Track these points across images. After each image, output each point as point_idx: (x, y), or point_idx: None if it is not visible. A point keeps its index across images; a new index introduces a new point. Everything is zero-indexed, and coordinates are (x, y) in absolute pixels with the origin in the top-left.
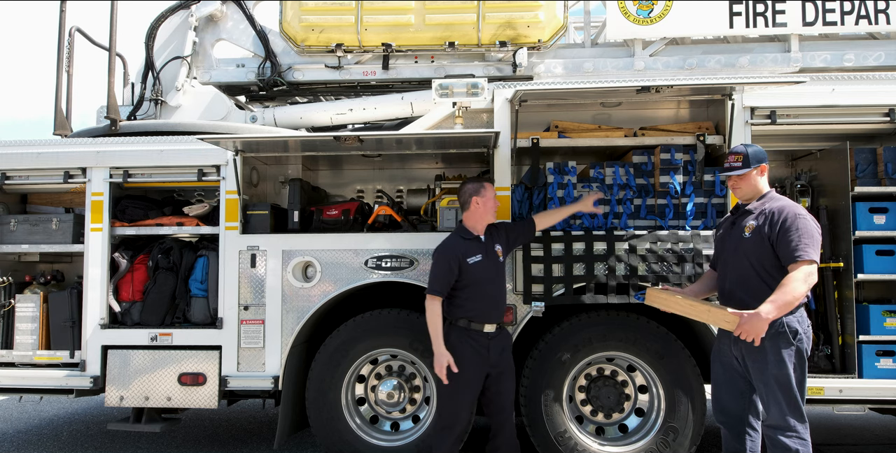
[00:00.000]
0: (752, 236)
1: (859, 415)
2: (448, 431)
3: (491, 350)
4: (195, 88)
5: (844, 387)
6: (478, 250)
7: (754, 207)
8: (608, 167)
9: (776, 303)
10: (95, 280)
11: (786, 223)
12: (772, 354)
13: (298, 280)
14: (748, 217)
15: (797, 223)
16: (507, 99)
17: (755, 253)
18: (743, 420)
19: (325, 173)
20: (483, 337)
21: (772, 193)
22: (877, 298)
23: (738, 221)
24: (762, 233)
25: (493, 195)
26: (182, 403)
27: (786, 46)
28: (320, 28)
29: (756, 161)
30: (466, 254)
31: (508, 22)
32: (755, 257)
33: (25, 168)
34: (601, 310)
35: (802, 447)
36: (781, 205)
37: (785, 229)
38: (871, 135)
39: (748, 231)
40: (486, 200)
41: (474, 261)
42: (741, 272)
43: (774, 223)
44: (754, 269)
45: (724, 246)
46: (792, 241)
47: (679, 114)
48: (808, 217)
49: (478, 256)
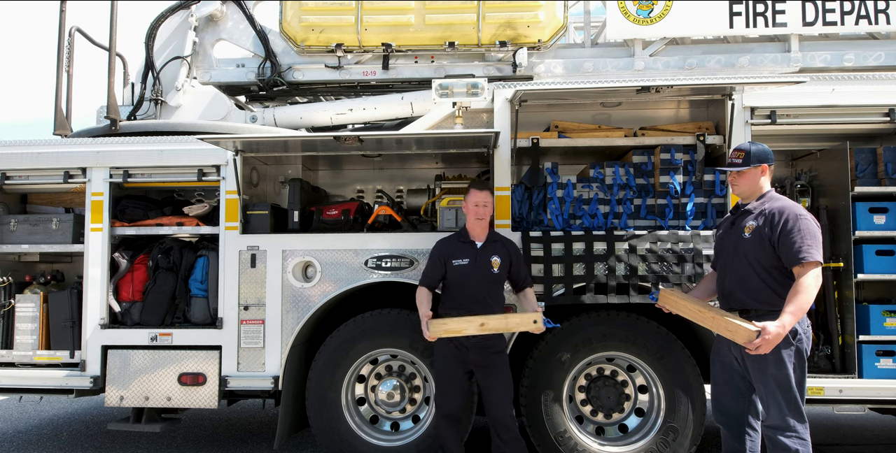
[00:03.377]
0: (752, 237)
1: (859, 415)
2: (443, 419)
3: (470, 349)
4: (195, 88)
5: (844, 387)
6: (467, 254)
7: (754, 207)
8: (608, 167)
9: (795, 314)
10: (95, 280)
11: (788, 224)
12: (771, 354)
13: (298, 280)
14: (748, 217)
15: (799, 224)
16: (507, 99)
17: (755, 253)
18: (742, 420)
19: (325, 173)
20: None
21: (771, 193)
22: (877, 298)
23: (737, 221)
24: (762, 233)
25: (473, 202)
26: (182, 403)
27: (786, 46)
28: (320, 28)
29: (758, 160)
30: (452, 256)
31: (508, 22)
32: (755, 257)
33: (25, 168)
34: (601, 310)
35: (802, 447)
36: (782, 205)
37: (787, 230)
38: (871, 135)
39: (748, 231)
40: (465, 205)
41: (458, 264)
42: (741, 272)
43: (775, 224)
44: (754, 270)
45: (723, 246)
46: (795, 243)
47: (679, 114)
48: (810, 217)
49: (464, 260)
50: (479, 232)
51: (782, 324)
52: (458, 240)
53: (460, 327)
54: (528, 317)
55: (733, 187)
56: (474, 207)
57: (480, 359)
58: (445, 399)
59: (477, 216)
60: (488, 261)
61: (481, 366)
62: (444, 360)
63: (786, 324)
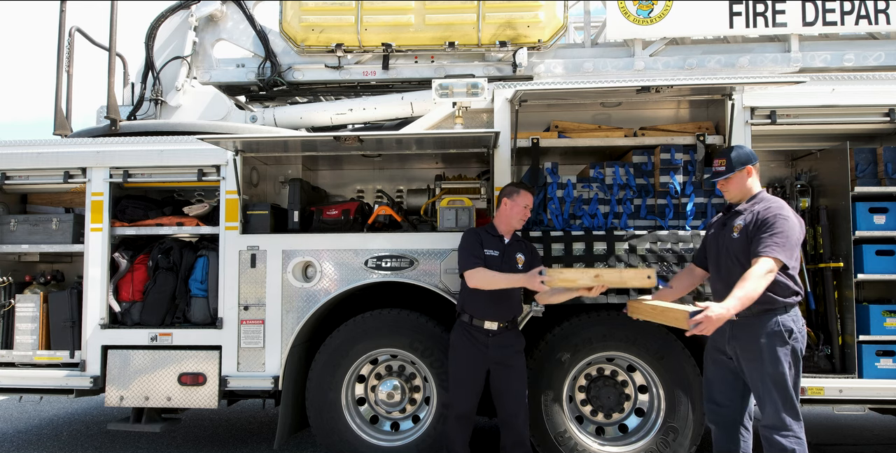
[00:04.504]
0: (740, 236)
1: (859, 415)
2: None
3: (490, 347)
4: (195, 88)
5: (844, 387)
6: (497, 247)
7: (744, 208)
8: (608, 167)
9: (741, 300)
10: (95, 280)
11: (767, 222)
12: (767, 353)
13: (298, 280)
14: (737, 217)
15: (776, 222)
16: (507, 99)
17: (743, 253)
18: (737, 419)
19: (325, 173)
20: (483, 333)
21: (762, 194)
22: (877, 298)
23: (728, 222)
24: (748, 232)
25: (523, 204)
26: (182, 403)
27: (786, 46)
28: (320, 28)
29: (740, 164)
30: (485, 244)
31: (508, 22)
32: (743, 257)
33: (25, 168)
34: (601, 310)
35: (799, 446)
36: (768, 205)
37: (759, 227)
38: (871, 135)
39: (736, 231)
40: (513, 204)
41: (490, 254)
42: (731, 272)
43: (758, 222)
44: (743, 269)
45: (715, 246)
46: (763, 239)
47: (679, 114)
48: (791, 217)
49: (495, 252)
50: (509, 229)
51: (726, 308)
52: (488, 232)
53: (575, 276)
54: (642, 272)
55: (724, 193)
56: (523, 209)
57: (501, 358)
58: (461, 399)
59: (523, 217)
60: (514, 257)
61: (501, 365)
62: (461, 359)
63: (730, 308)
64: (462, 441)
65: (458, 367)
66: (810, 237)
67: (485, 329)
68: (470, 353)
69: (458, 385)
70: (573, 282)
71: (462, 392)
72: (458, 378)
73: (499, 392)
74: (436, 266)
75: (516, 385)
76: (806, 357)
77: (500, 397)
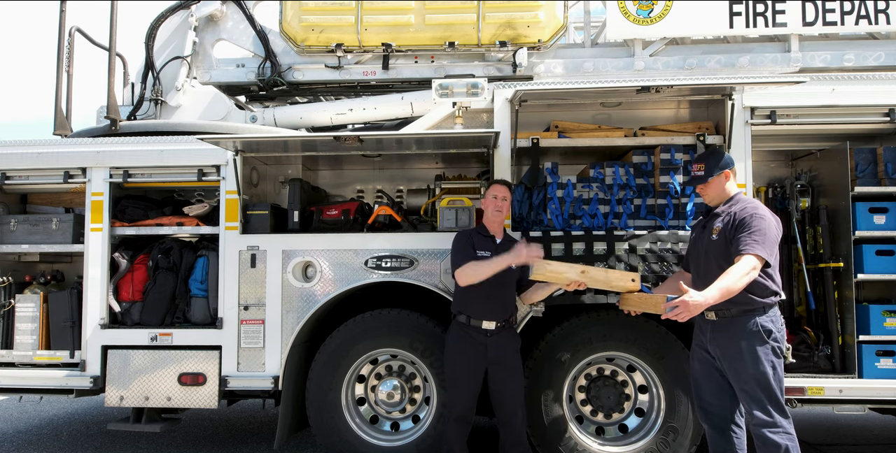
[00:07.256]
0: (719, 238)
1: (859, 415)
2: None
3: (489, 346)
4: (195, 88)
5: (844, 387)
6: (489, 247)
7: (721, 210)
8: (608, 167)
9: (721, 292)
10: (95, 280)
11: (743, 222)
12: (748, 353)
13: (298, 280)
14: (716, 220)
15: (753, 221)
16: (507, 99)
17: (722, 254)
18: (728, 417)
19: (325, 173)
20: (481, 333)
21: (738, 196)
22: (877, 298)
23: (707, 224)
24: (726, 234)
25: (492, 194)
26: (182, 403)
27: (786, 46)
28: (320, 28)
29: (718, 168)
30: (477, 246)
31: (508, 22)
32: (723, 258)
33: (25, 168)
34: (601, 310)
35: (791, 442)
36: (744, 206)
37: (737, 227)
38: (871, 135)
39: (715, 233)
40: (484, 199)
41: (482, 255)
42: (712, 274)
43: (735, 223)
44: (722, 270)
45: (696, 248)
46: (741, 238)
47: (679, 114)
48: (767, 216)
49: (487, 252)
50: (496, 227)
51: (705, 297)
52: (479, 233)
53: (563, 270)
54: (627, 274)
55: (703, 196)
56: (492, 199)
57: (499, 358)
58: (459, 400)
59: (496, 207)
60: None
61: (498, 365)
62: (459, 360)
63: (708, 298)
64: (462, 443)
65: (456, 368)
66: (810, 237)
67: (483, 329)
68: (468, 354)
69: (456, 386)
70: (560, 275)
71: (460, 393)
72: (456, 379)
73: (497, 392)
74: (436, 266)
75: (514, 385)
76: (806, 357)
77: (499, 397)
